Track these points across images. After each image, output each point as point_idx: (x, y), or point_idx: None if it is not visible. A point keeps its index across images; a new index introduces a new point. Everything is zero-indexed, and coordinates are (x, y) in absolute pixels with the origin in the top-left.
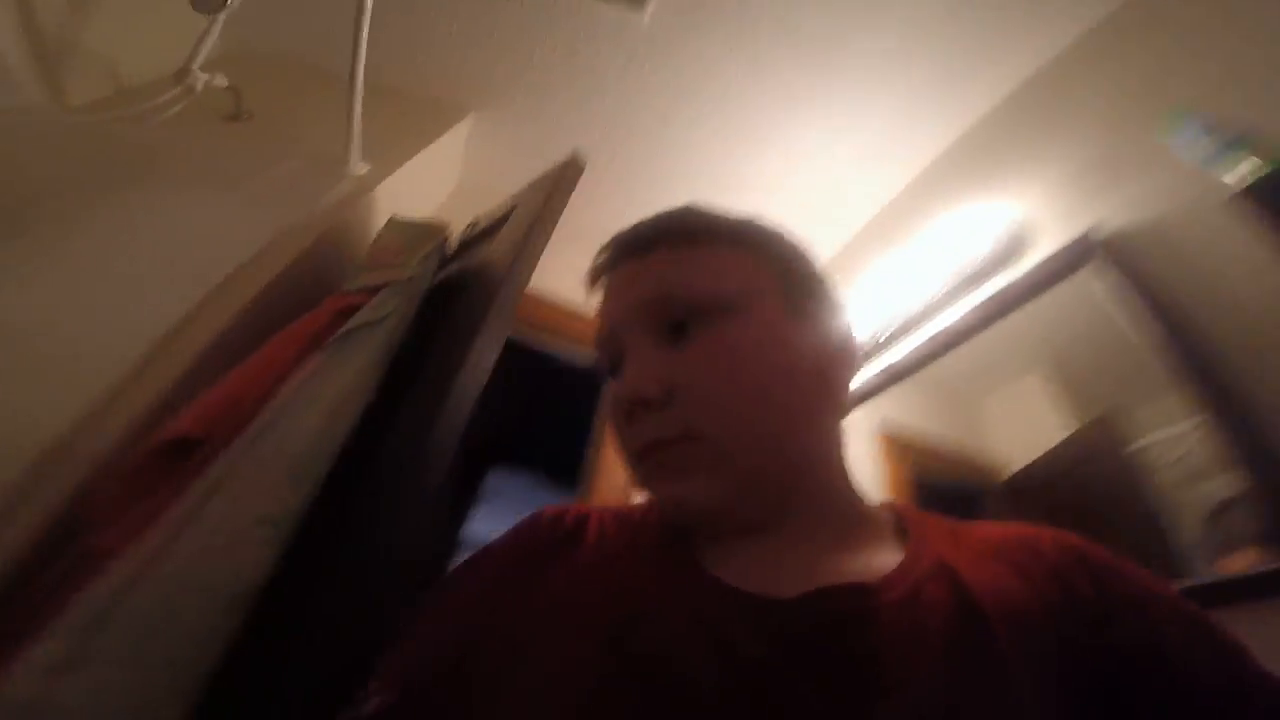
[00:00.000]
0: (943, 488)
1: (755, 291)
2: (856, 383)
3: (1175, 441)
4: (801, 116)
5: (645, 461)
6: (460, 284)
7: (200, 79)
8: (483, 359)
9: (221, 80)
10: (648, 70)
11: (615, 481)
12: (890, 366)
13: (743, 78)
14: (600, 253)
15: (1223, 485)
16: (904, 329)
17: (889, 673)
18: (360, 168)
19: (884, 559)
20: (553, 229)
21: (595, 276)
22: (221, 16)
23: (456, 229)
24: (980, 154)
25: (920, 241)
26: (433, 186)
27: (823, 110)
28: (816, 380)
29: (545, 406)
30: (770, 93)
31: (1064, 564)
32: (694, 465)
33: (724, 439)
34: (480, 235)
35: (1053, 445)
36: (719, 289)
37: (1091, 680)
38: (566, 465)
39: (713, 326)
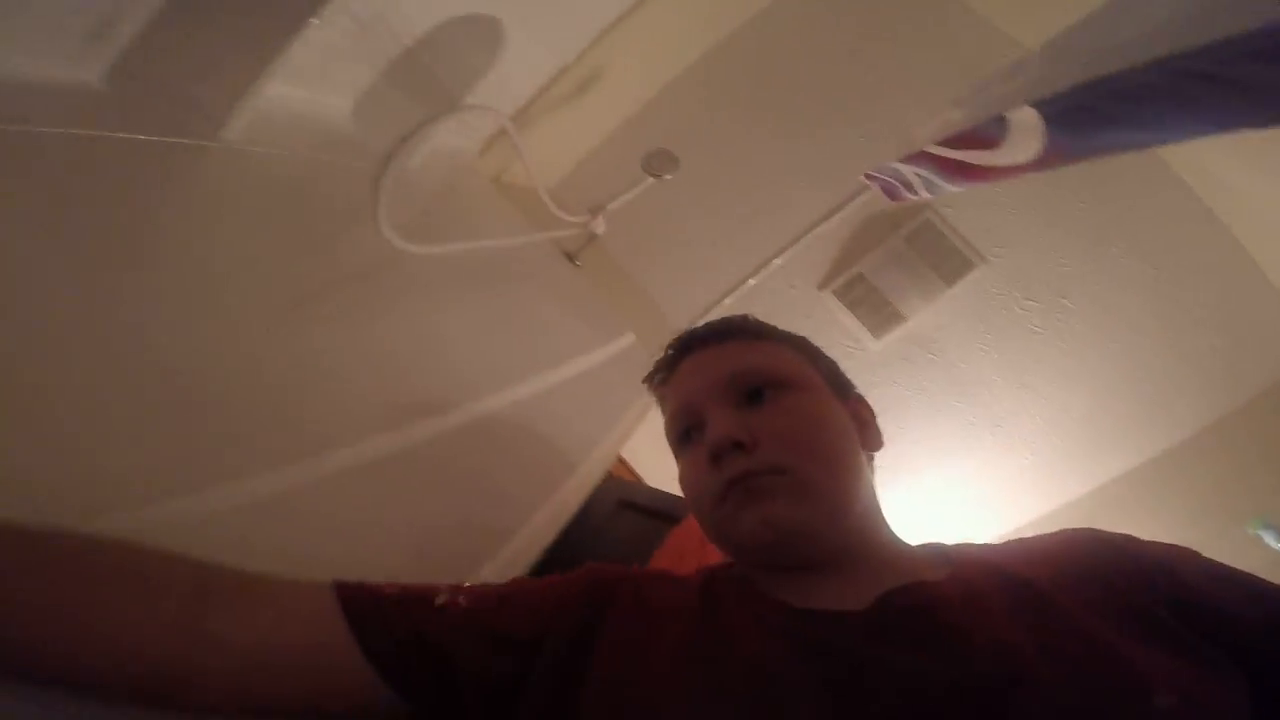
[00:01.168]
0: None
1: (806, 376)
2: None
3: None
4: (941, 459)
5: (732, 494)
6: None
7: (602, 225)
8: None
9: (601, 227)
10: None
11: None
12: None
13: (920, 418)
14: (669, 349)
15: None
16: None
17: (968, 640)
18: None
19: (936, 574)
20: None
21: (668, 368)
22: (649, 181)
23: None
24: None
25: None
26: None
27: (960, 456)
28: (857, 445)
29: None
30: (939, 436)
31: (1090, 547)
32: (781, 491)
33: (804, 472)
34: None
35: None
36: (786, 370)
37: (1150, 619)
38: None
39: (784, 394)
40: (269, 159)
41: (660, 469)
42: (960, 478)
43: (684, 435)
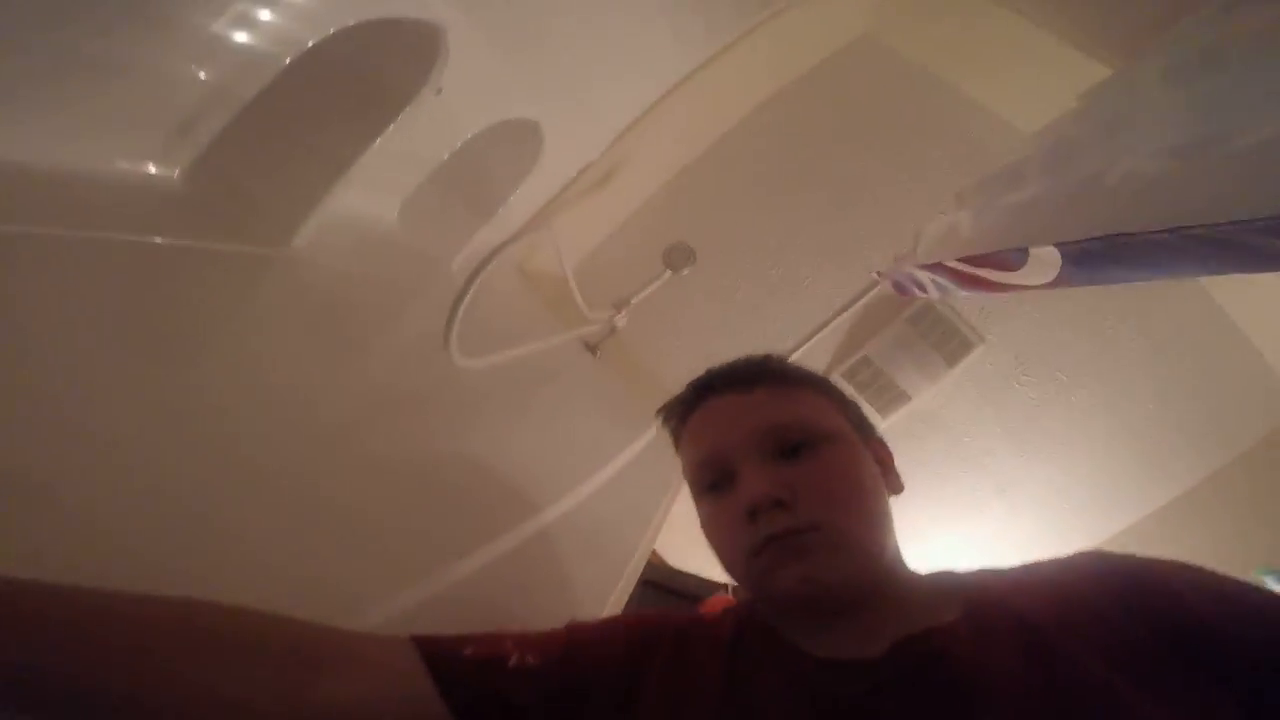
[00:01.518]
0: None
1: (840, 427)
2: None
3: None
4: (949, 525)
5: (767, 551)
6: None
7: (625, 319)
8: None
9: (623, 321)
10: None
11: None
12: None
13: (926, 488)
14: (691, 389)
15: None
16: None
17: (973, 692)
18: None
19: (949, 613)
20: None
21: (688, 407)
22: (668, 275)
23: None
24: None
25: None
26: None
27: (967, 521)
28: (884, 492)
29: None
30: (945, 503)
31: (1098, 579)
32: (817, 548)
33: (842, 528)
34: None
35: None
36: (821, 424)
37: (1152, 658)
38: None
39: (820, 449)
40: (330, 267)
41: (679, 549)
42: (967, 541)
43: (712, 485)
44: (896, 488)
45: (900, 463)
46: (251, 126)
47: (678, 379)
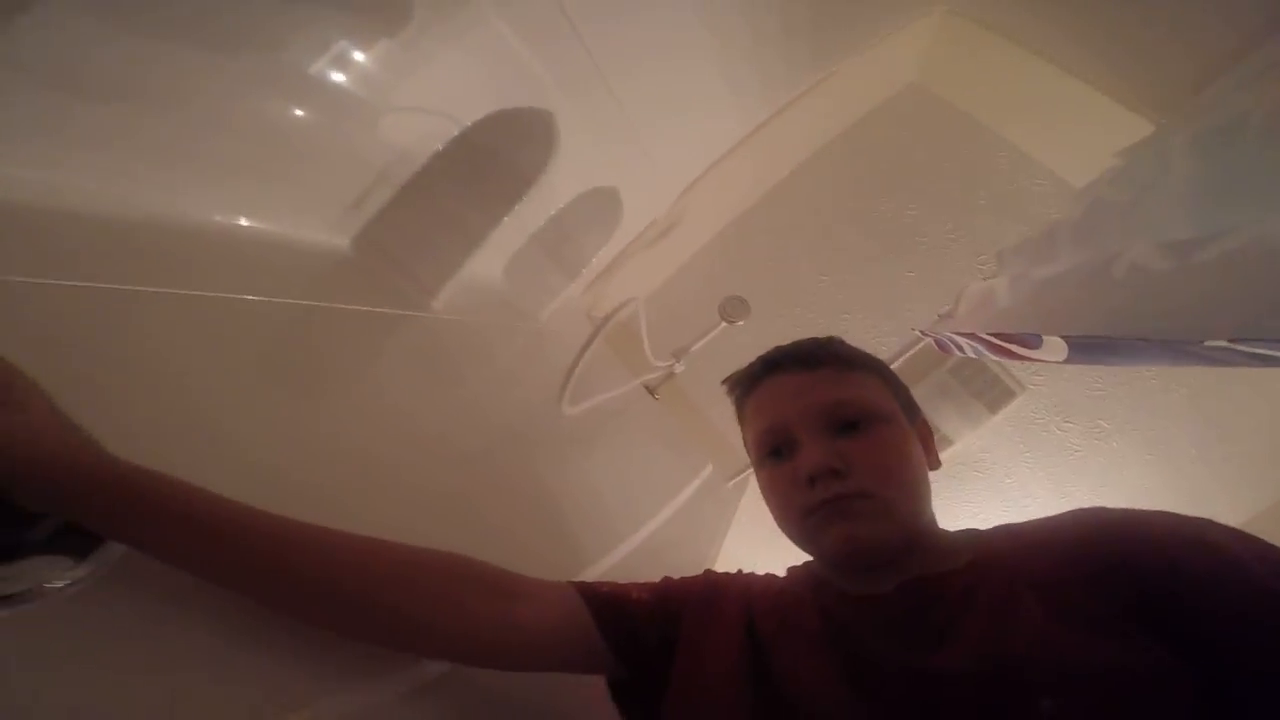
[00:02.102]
0: None
1: (893, 408)
2: None
3: None
4: None
5: (820, 512)
6: None
7: (683, 366)
8: None
9: (681, 368)
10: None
11: None
12: None
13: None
14: (760, 364)
15: None
16: None
17: (947, 632)
18: None
19: (957, 562)
20: None
21: (753, 380)
22: (723, 326)
23: None
24: None
25: None
26: None
27: None
28: (925, 467)
29: None
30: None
31: (1093, 539)
32: (867, 513)
33: (887, 498)
34: None
35: None
36: (877, 404)
37: (1131, 614)
38: None
39: (874, 427)
40: (458, 322)
41: None
42: None
43: (774, 451)
44: (936, 464)
45: (942, 504)
46: (408, 203)
47: (729, 419)
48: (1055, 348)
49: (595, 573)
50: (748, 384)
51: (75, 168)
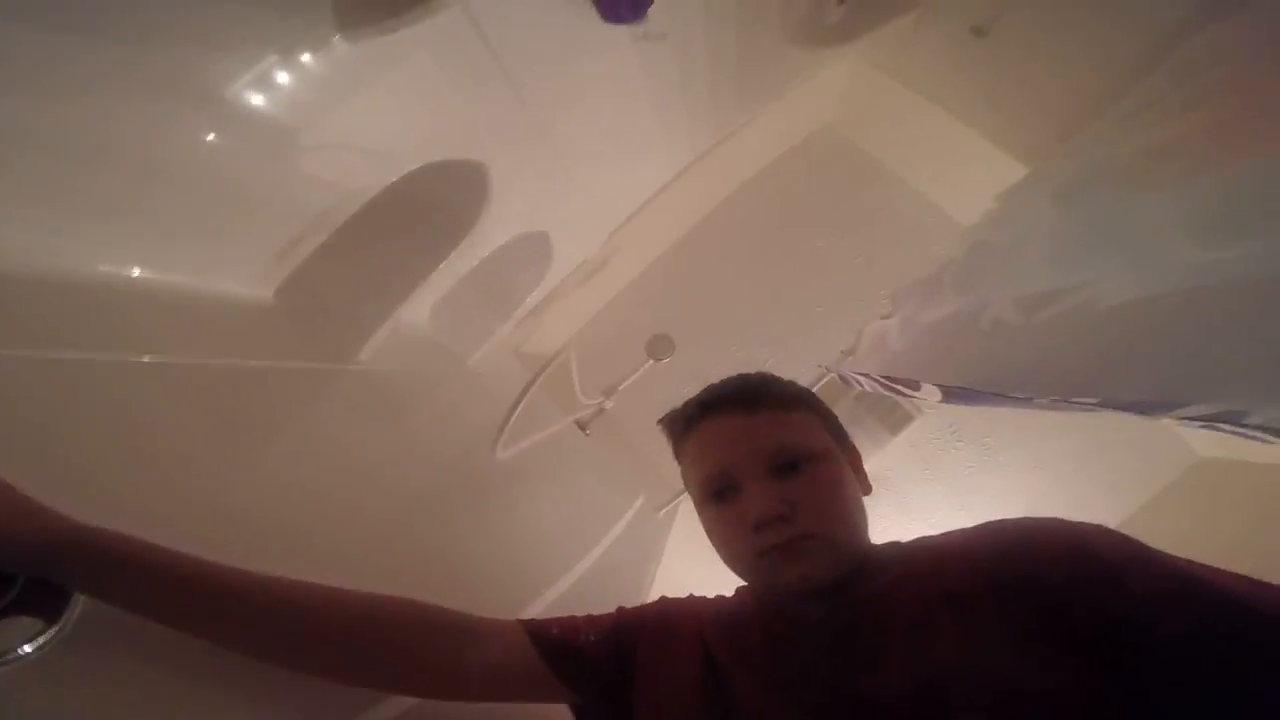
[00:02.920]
0: None
1: (828, 444)
2: None
3: None
4: None
5: (770, 556)
6: None
7: (610, 404)
8: None
9: (611, 404)
10: None
11: None
12: None
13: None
14: (697, 406)
15: None
16: None
17: (875, 652)
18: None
19: (884, 579)
20: None
21: (693, 421)
22: (650, 364)
23: None
24: None
25: None
26: None
27: None
28: (860, 494)
29: None
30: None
31: (1011, 544)
32: (814, 551)
33: (831, 535)
34: None
35: None
36: (814, 444)
37: (1037, 629)
38: None
39: (814, 465)
40: (383, 371)
41: None
42: None
43: (717, 494)
44: (868, 489)
45: None
46: (335, 253)
47: (658, 451)
48: (932, 392)
49: (541, 605)
50: (685, 425)
51: None
